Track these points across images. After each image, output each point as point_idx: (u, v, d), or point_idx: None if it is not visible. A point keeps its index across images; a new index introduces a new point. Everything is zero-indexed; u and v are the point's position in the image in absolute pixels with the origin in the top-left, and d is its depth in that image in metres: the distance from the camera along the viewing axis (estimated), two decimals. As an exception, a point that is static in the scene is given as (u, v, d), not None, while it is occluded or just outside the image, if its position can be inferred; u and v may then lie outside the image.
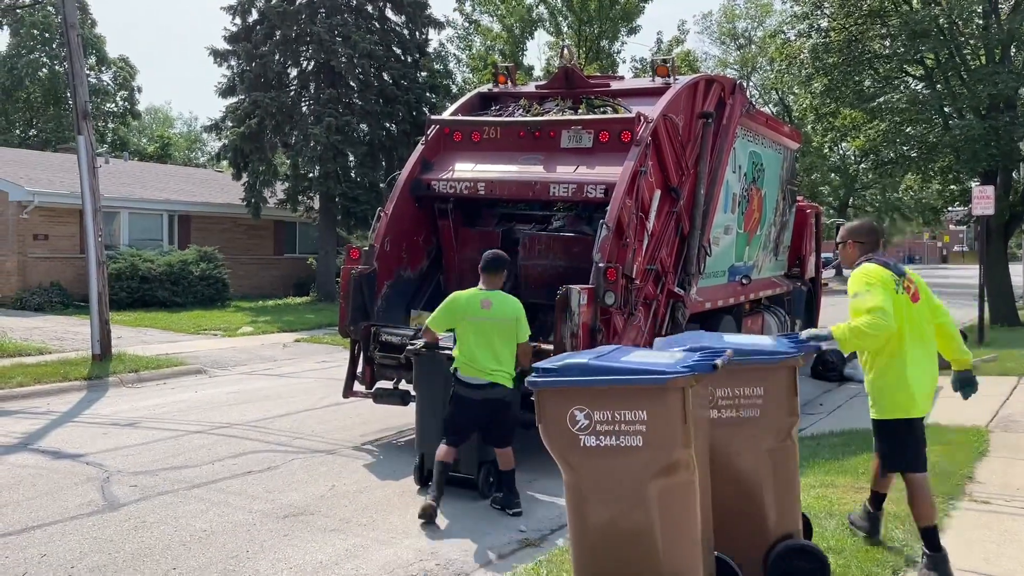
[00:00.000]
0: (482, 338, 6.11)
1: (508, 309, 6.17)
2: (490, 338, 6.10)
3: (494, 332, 6.11)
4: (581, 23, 30.97)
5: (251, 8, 23.17)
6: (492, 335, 6.10)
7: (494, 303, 6.17)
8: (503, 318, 6.13)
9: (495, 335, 6.11)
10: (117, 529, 5.68)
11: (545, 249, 8.55)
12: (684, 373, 3.66)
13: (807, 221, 14.23)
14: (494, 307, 6.15)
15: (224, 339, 15.96)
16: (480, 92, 9.90)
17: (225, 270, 21.85)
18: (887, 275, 4.63)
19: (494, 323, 6.11)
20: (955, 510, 5.74)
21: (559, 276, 8.13)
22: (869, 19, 19.15)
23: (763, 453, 4.44)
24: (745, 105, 9.99)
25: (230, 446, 7.94)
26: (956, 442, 7.52)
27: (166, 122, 67.76)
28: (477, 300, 6.21)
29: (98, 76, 41.79)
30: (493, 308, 6.15)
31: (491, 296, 6.22)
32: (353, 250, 8.50)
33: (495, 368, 6.07)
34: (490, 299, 6.20)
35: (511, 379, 6.15)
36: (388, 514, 6.12)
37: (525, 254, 8.57)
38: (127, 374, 11.50)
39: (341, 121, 21.58)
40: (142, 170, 29.45)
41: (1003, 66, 17.51)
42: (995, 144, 16.89)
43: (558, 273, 8.26)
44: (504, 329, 6.12)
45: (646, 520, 3.67)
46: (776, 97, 40.80)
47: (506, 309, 6.17)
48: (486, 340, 6.10)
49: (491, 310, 6.14)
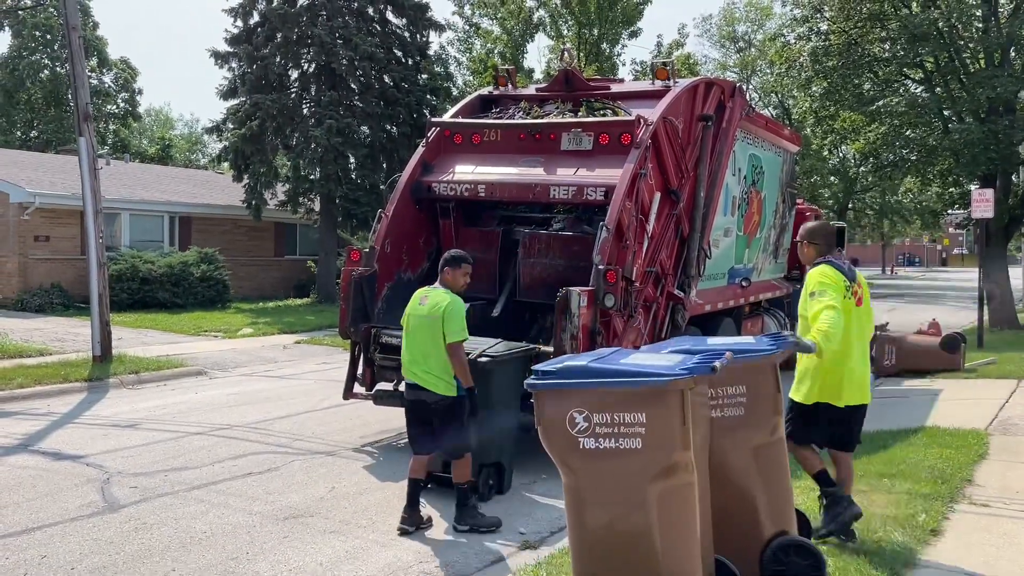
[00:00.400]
0: (409, 336, 5.86)
1: (437, 307, 5.74)
2: (416, 337, 5.81)
3: (420, 330, 5.79)
4: (581, 26, 31.01)
5: (252, 10, 23.20)
6: (418, 333, 5.80)
7: (429, 299, 5.85)
8: (431, 315, 5.73)
9: (421, 333, 5.77)
10: (117, 530, 5.68)
11: (545, 248, 8.57)
12: (683, 375, 3.67)
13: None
14: (428, 303, 5.83)
15: (224, 340, 15.97)
16: (480, 94, 9.93)
17: (226, 271, 21.86)
18: (839, 278, 5.04)
19: (421, 320, 5.79)
20: (954, 513, 5.75)
21: (559, 275, 8.16)
22: (869, 22, 19.17)
23: (750, 451, 4.45)
24: (745, 108, 10.01)
25: (230, 448, 7.95)
26: (955, 445, 7.53)
27: (167, 124, 67.82)
28: (418, 297, 5.98)
29: (99, 78, 41.84)
30: (427, 304, 5.83)
31: (429, 292, 5.93)
32: (354, 252, 8.52)
33: (420, 370, 5.77)
34: (427, 295, 5.91)
35: (443, 383, 5.72)
36: (388, 516, 6.12)
37: (525, 253, 8.59)
38: (127, 375, 11.51)
39: (342, 123, 21.60)
40: (143, 171, 29.47)
41: (1002, 70, 17.52)
42: (994, 148, 16.91)
43: (558, 272, 8.29)
44: (431, 327, 5.71)
45: (645, 522, 3.67)
46: (776, 100, 40.79)
47: (435, 306, 5.75)
48: (412, 339, 5.84)
49: (425, 306, 5.83)
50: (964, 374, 11.96)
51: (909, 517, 5.50)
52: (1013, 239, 22.63)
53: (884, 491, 6.10)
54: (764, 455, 4.49)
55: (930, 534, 5.31)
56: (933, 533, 5.33)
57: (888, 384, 11.88)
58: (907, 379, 12.01)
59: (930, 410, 9.50)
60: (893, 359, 12.45)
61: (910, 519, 5.47)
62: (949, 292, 38.39)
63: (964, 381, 11.55)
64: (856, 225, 50.69)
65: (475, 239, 8.91)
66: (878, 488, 6.16)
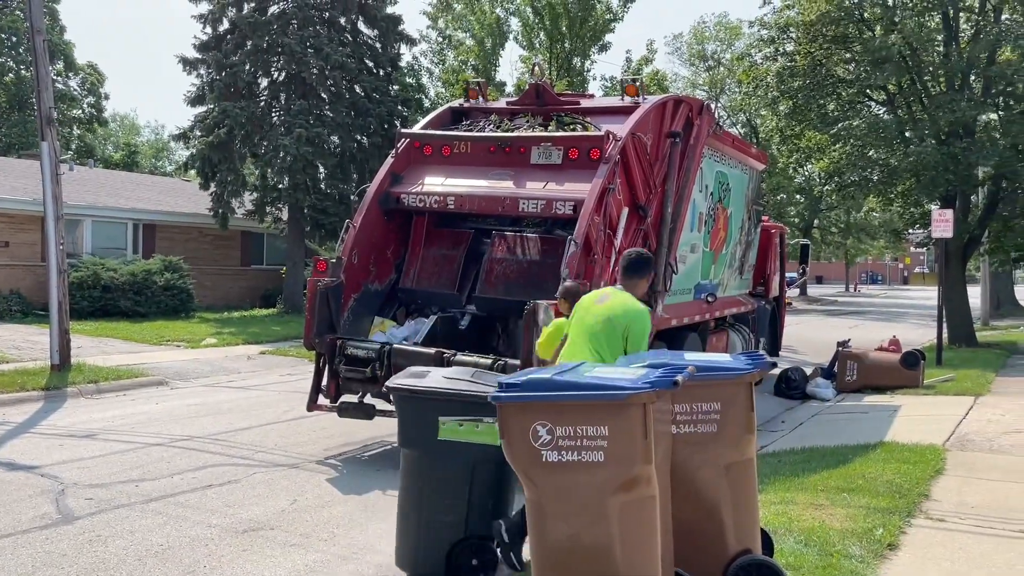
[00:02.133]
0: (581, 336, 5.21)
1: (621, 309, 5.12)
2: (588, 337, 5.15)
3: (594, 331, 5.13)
4: (553, 40, 31.20)
5: (222, 17, 23.05)
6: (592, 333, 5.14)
7: (611, 299, 5.23)
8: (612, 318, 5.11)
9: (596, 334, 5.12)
10: (71, 543, 5.57)
11: (512, 248, 8.61)
12: (645, 389, 3.69)
13: (772, 241, 14.44)
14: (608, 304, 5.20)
15: (187, 350, 15.76)
16: (451, 107, 9.95)
17: (190, 280, 21.58)
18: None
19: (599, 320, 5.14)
20: (911, 527, 5.82)
21: (524, 272, 8.23)
22: (833, 44, 19.54)
23: (721, 468, 4.48)
24: (712, 126, 10.14)
25: (190, 459, 7.83)
26: (913, 460, 7.63)
27: (133, 130, 66.98)
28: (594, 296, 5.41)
29: (65, 82, 41.22)
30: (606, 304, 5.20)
31: (611, 293, 5.34)
32: (320, 262, 8.48)
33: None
34: (609, 295, 5.32)
35: None
36: (350, 529, 6.07)
37: (492, 252, 8.63)
38: (86, 385, 11.30)
39: (311, 132, 21.50)
40: (107, 178, 29.05)
41: (962, 94, 17.94)
42: (953, 169, 17.28)
43: (523, 270, 8.35)
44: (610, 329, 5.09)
45: (606, 535, 3.68)
46: (744, 118, 41.40)
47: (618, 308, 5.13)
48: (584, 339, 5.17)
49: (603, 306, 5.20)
50: (923, 390, 12.16)
51: (867, 531, 5.57)
52: (972, 258, 23.09)
53: (842, 505, 6.17)
54: (734, 473, 4.52)
55: (887, 548, 5.37)
56: (890, 547, 5.40)
57: (849, 400, 12.05)
58: (868, 395, 12.19)
59: (889, 426, 9.64)
60: (855, 375, 12.63)
61: (868, 533, 5.53)
62: (910, 310, 39.09)
63: (923, 397, 11.75)
64: (821, 243, 51.48)
65: (444, 245, 8.94)
66: (837, 502, 6.23)
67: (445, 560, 4.95)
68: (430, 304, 8.91)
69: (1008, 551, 5.42)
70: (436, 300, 8.85)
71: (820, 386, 12.56)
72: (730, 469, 4.51)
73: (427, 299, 8.92)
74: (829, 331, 23.18)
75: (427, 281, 8.87)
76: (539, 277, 8.18)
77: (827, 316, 33.14)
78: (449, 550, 4.95)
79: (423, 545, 5.04)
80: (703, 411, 4.46)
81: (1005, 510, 6.31)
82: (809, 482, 6.93)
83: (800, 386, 12.62)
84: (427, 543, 5.02)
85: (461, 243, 8.97)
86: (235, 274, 25.90)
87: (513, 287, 8.30)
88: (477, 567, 4.93)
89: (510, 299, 8.13)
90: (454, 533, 4.98)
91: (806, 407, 11.76)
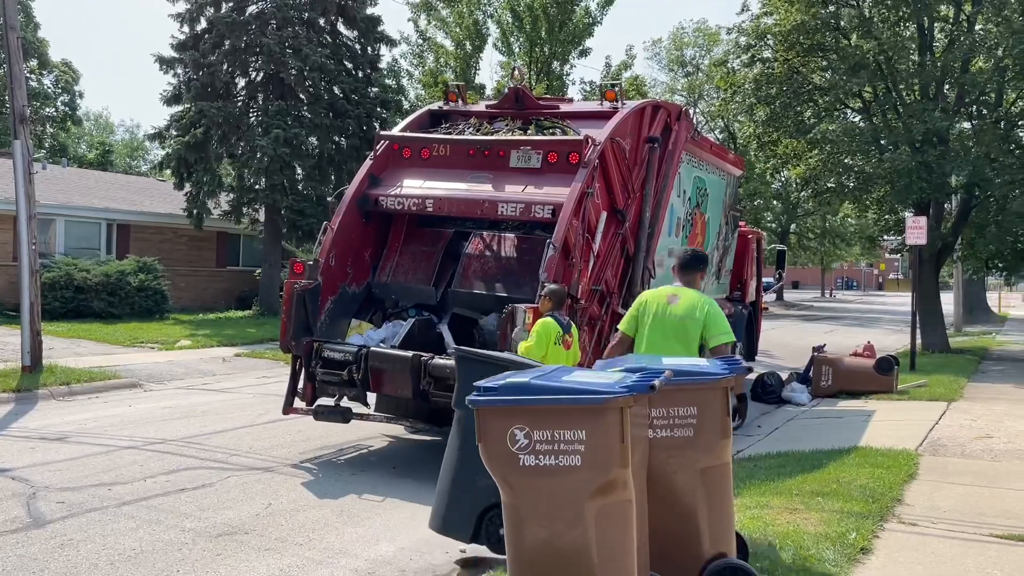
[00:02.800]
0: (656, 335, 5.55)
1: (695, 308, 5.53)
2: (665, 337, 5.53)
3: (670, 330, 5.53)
4: (532, 44, 31.27)
5: (200, 17, 22.84)
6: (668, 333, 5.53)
7: (681, 299, 5.62)
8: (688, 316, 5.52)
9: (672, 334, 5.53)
10: (42, 547, 5.48)
11: (489, 246, 8.63)
12: (623, 393, 3.69)
13: (749, 246, 14.55)
14: (681, 303, 5.59)
15: (161, 352, 15.59)
16: (430, 109, 9.93)
17: (165, 282, 21.35)
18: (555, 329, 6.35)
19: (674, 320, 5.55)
20: (884, 531, 5.88)
21: (501, 270, 8.24)
22: (810, 52, 19.74)
23: (697, 473, 4.50)
24: (691, 131, 10.20)
25: (163, 462, 7.74)
26: (886, 465, 7.71)
27: (107, 129, 66.25)
28: (664, 295, 5.72)
29: (39, 80, 40.70)
30: (680, 304, 5.59)
31: (678, 291, 5.70)
32: (297, 264, 8.43)
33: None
34: (677, 294, 5.67)
35: None
36: (325, 533, 6.03)
37: (471, 250, 8.63)
38: (58, 387, 11.15)
39: (289, 133, 21.36)
40: (81, 177, 28.70)
41: (936, 103, 18.19)
42: (926, 177, 17.51)
43: (500, 266, 8.36)
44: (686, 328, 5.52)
45: (583, 539, 3.68)
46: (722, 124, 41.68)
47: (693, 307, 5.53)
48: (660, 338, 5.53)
49: (677, 306, 5.57)
50: (897, 396, 12.30)
51: (840, 535, 5.61)
52: (945, 265, 23.41)
53: (817, 509, 6.22)
54: (710, 477, 4.54)
55: (860, 552, 5.42)
56: (864, 551, 5.45)
57: (824, 404, 12.16)
58: (843, 400, 12.30)
59: (863, 431, 9.73)
60: (830, 380, 12.75)
61: (841, 537, 5.58)
62: (885, 315, 39.55)
63: (897, 403, 11.87)
64: (798, 248, 51.95)
65: (423, 244, 8.93)
66: (811, 506, 6.28)
67: (475, 522, 4.92)
68: (405, 299, 8.85)
69: (979, 555, 5.49)
70: (411, 295, 8.80)
71: (796, 391, 12.66)
72: (706, 473, 4.53)
73: (401, 294, 8.86)
74: (805, 336, 23.39)
75: (403, 276, 8.84)
76: (518, 274, 8.20)
77: (803, 321, 33.45)
78: (481, 513, 4.94)
79: (455, 504, 5.07)
80: (680, 415, 4.48)
81: (976, 514, 6.39)
82: (784, 486, 6.98)
83: (776, 391, 12.71)
84: (460, 504, 5.04)
85: (440, 242, 8.96)
86: (210, 275, 25.66)
87: (491, 283, 8.30)
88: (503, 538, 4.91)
89: (488, 294, 8.15)
90: (488, 497, 4.89)
91: (782, 412, 11.85)
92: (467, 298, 8.49)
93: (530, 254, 8.20)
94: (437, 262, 8.78)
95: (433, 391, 7.44)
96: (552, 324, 6.42)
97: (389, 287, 8.88)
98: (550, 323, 6.42)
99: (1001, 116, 18.77)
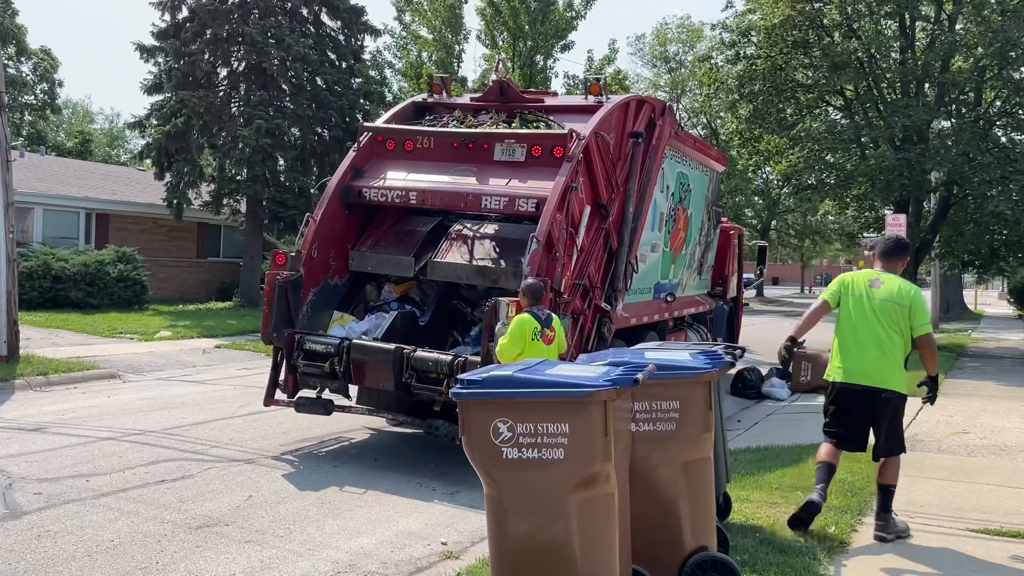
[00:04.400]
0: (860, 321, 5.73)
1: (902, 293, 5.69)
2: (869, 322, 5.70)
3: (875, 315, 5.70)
4: (515, 37, 31.18)
5: (181, 5, 22.61)
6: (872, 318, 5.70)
7: (885, 283, 5.77)
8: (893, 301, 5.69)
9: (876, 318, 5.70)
10: (19, 538, 5.43)
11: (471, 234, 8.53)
12: (606, 387, 3.71)
13: (730, 242, 14.61)
14: (884, 288, 5.74)
15: (141, 343, 15.46)
16: (414, 101, 9.88)
17: (144, 272, 21.15)
18: (533, 325, 6.35)
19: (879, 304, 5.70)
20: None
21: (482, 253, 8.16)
22: (793, 49, 19.85)
23: (679, 466, 4.53)
24: (674, 127, 10.21)
25: (143, 454, 7.68)
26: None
27: (86, 117, 65.41)
28: (865, 279, 5.85)
29: (16, 67, 40.11)
30: (883, 288, 5.74)
31: (879, 276, 5.84)
32: (279, 255, 8.37)
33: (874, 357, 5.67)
34: (879, 279, 5.81)
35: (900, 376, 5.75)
36: (306, 525, 6.01)
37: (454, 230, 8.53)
38: (35, 377, 11.03)
39: (271, 124, 21.21)
40: (60, 166, 28.37)
41: (916, 100, 18.35)
42: (907, 175, 17.67)
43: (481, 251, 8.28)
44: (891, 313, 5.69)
45: (565, 533, 3.69)
46: (704, 120, 41.83)
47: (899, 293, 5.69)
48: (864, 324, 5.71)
49: (881, 290, 5.73)
50: (875, 391, 12.39)
51: (820, 528, 5.67)
52: (923, 263, 23.64)
53: (797, 503, 6.24)
54: (692, 471, 4.57)
55: (839, 546, 5.48)
56: (842, 545, 5.51)
57: (803, 400, 12.25)
58: (822, 395, 12.35)
59: (842, 425, 9.80)
60: (809, 376, 12.84)
61: (820, 531, 5.64)
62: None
63: (875, 398, 11.96)
64: (778, 244, 52.27)
65: (404, 226, 8.85)
66: (791, 500, 6.33)
67: None
68: (381, 269, 8.66)
69: (956, 549, 5.56)
70: (388, 265, 8.60)
71: (775, 386, 12.76)
72: (688, 467, 4.56)
73: (377, 264, 8.65)
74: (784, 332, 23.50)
75: (382, 249, 8.71)
76: (500, 253, 8.11)
77: (783, 317, 33.66)
78: None
79: None
80: (663, 409, 4.51)
81: (952, 509, 6.48)
82: (764, 480, 7.04)
83: (756, 386, 12.80)
84: None
85: (423, 225, 8.84)
86: (191, 266, 25.47)
87: (472, 257, 8.20)
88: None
89: (468, 265, 8.04)
90: None
91: (762, 407, 11.93)
92: (448, 269, 8.30)
93: (514, 235, 8.14)
94: (419, 240, 8.67)
95: (415, 384, 7.42)
96: (528, 320, 6.39)
97: (367, 258, 8.70)
98: (526, 319, 6.41)
99: (980, 115, 18.98)
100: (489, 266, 7.98)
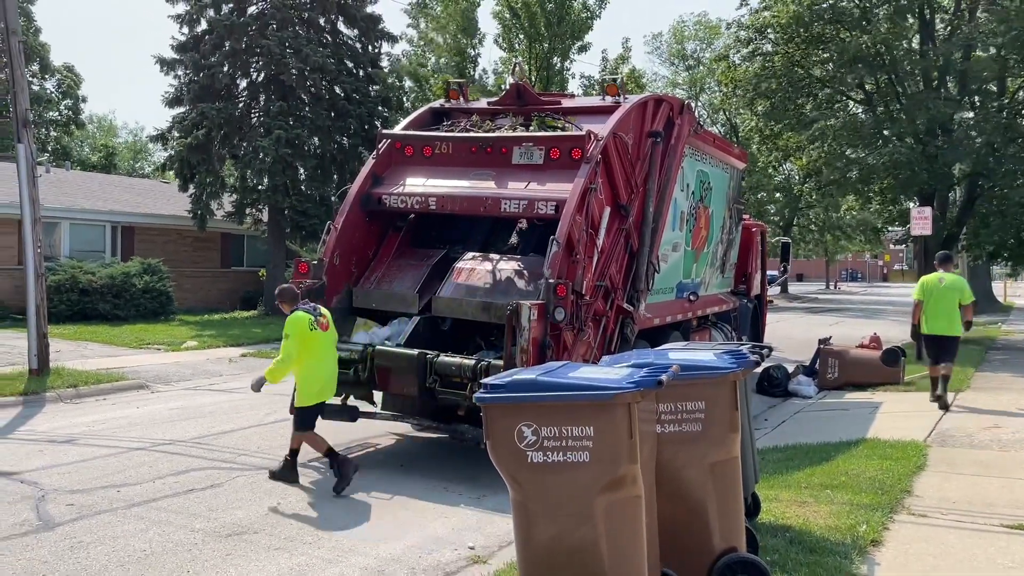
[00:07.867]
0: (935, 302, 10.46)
1: (957, 282, 10.44)
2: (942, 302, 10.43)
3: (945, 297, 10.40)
4: (532, 40, 31.23)
5: (200, 18, 22.87)
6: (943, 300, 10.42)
7: (947, 279, 10.44)
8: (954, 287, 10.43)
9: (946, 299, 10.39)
10: (52, 549, 5.50)
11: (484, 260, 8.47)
12: (630, 389, 3.69)
13: (753, 239, 14.51)
14: (947, 282, 10.43)
15: (168, 354, 15.62)
16: (432, 107, 9.92)
17: (170, 283, 21.40)
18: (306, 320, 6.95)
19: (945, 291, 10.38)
20: (894, 523, 5.87)
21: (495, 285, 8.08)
22: (809, 44, 19.69)
23: (706, 467, 4.50)
24: (693, 125, 10.17)
25: (172, 463, 7.76)
26: (895, 457, 7.70)
27: (110, 131, 66.20)
28: (935, 279, 10.46)
29: (41, 84, 40.72)
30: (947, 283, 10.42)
31: (943, 276, 10.49)
32: (302, 264, 8.43)
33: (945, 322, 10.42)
34: (943, 278, 10.46)
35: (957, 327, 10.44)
36: (334, 532, 6.04)
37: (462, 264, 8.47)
38: (65, 389, 11.17)
39: (291, 134, 21.37)
40: (85, 180, 28.75)
41: (938, 92, 18.14)
42: (929, 168, 17.46)
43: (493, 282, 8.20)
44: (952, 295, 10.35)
45: (592, 536, 3.68)
46: (724, 117, 41.61)
47: (955, 282, 10.45)
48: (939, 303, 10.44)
49: (945, 284, 10.39)
50: (904, 387, 12.27)
51: (850, 528, 5.61)
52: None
53: (826, 502, 6.22)
54: (719, 471, 4.54)
55: (871, 544, 5.42)
56: (874, 543, 5.44)
57: (831, 397, 12.14)
58: (849, 392, 12.28)
59: (871, 422, 9.72)
60: (836, 372, 12.72)
61: (851, 530, 5.58)
62: (890, 307, 39.43)
63: (904, 394, 11.85)
64: (801, 240, 51.83)
65: (405, 268, 8.75)
66: (820, 499, 6.28)
67: None
68: (387, 309, 8.53)
69: (989, 545, 5.48)
70: (393, 302, 8.47)
71: (802, 384, 12.64)
72: (715, 467, 4.53)
73: (384, 301, 8.52)
74: (810, 329, 23.34)
75: (387, 284, 8.59)
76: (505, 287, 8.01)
77: (808, 314, 33.38)
78: None
79: None
80: (688, 410, 4.48)
81: (984, 504, 6.38)
82: (792, 479, 6.98)
83: (782, 384, 12.69)
84: None
85: (429, 258, 8.74)
86: (215, 276, 25.71)
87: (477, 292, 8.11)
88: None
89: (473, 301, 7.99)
90: None
91: (788, 405, 11.83)
92: (451, 306, 8.19)
93: (520, 268, 8.08)
94: (424, 274, 8.59)
95: (439, 388, 7.43)
96: (300, 316, 6.97)
97: (371, 295, 8.62)
98: (298, 316, 6.97)
99: (1004, 105, 18.72)
100: (494, 302, 7.80)
